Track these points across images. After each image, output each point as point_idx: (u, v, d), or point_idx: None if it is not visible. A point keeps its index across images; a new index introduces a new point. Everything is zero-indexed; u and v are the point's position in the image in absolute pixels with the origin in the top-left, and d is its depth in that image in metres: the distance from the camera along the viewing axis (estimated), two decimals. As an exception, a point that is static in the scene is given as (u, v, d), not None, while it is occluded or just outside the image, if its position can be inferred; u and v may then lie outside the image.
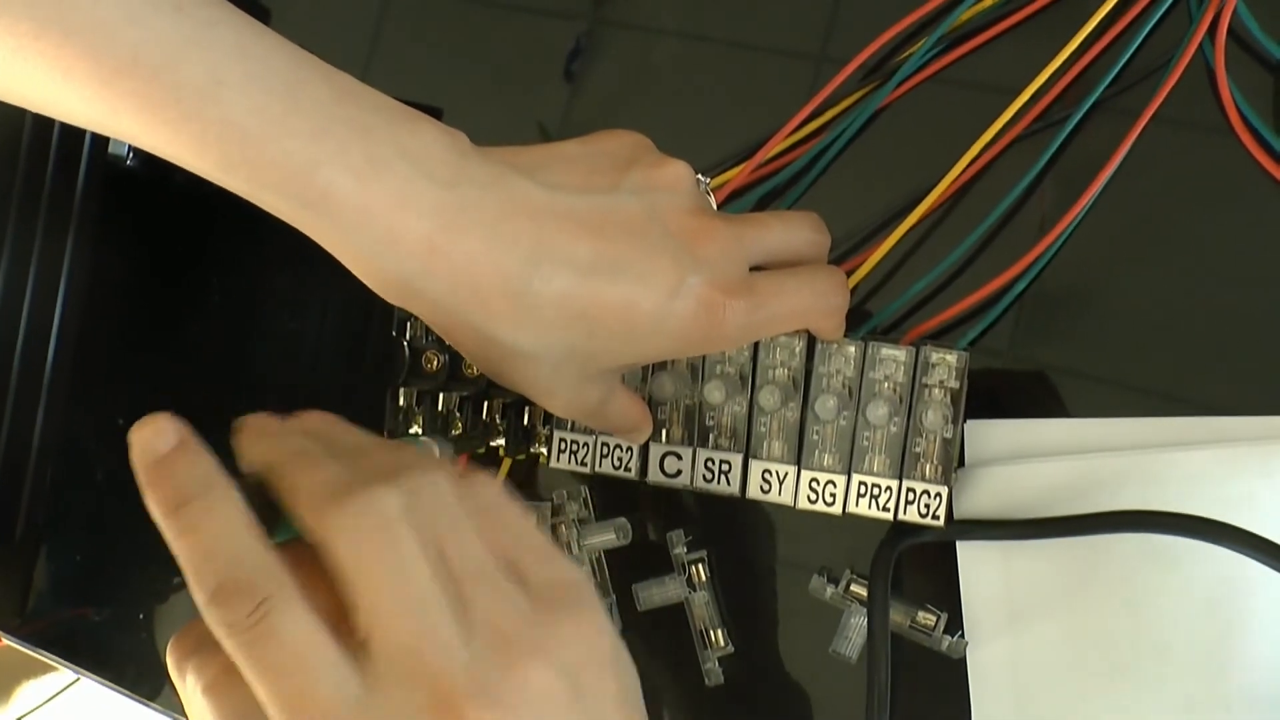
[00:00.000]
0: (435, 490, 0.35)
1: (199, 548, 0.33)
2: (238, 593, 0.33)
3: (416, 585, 0.33)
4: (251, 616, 0.32)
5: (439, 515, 0.35)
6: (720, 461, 0.49)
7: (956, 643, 0.49)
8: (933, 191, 0.49)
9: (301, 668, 0.32)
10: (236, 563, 0.33)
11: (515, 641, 0.33)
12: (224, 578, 0.33)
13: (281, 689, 0.32)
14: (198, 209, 0.61)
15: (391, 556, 0.33)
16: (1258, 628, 0.46)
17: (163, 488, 0.34)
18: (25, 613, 0.66)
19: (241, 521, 0.34)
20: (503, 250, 0.40)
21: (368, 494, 0.34)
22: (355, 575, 0.33)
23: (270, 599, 0.32)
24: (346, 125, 0.38)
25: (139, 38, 0.36)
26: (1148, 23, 0.48)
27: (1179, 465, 0.46)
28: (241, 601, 0.32)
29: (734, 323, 0.43)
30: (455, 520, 0.35)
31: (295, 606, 0.33)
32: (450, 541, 0.34)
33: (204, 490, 0.34)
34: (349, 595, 0.33)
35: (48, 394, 0.63)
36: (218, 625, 0.33)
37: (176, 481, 0.34)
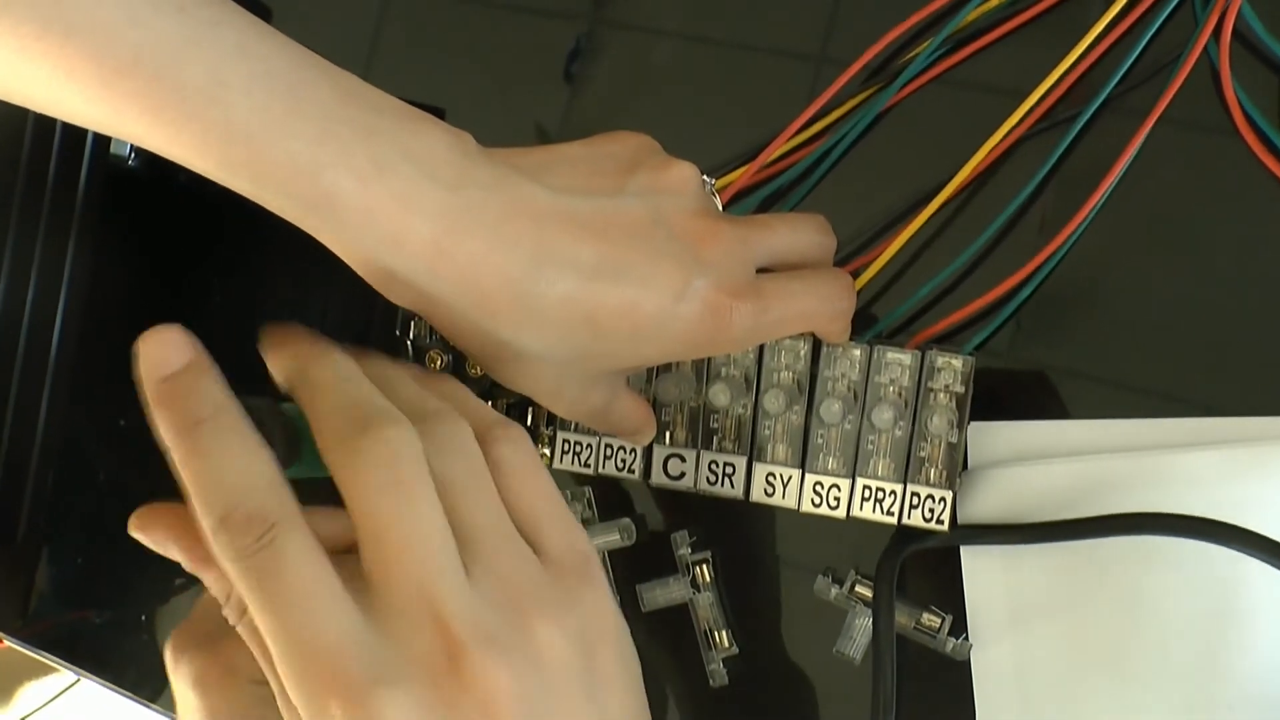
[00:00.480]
0: (459, 438, 0.35)
1: (208, 472, 0.33)
2: (246, 519, 0.32)
3: (426, 527, 0.33)
4: (258, 542, 0.32)
5: (459, 464, 0.35)
6: (724, 464, 0.49)
7: (961, 645, 0.49)
8: (939, 194, 0.49)
9: (305, 599, 0.32)
10: (245, 489, 0.33)
11: (525, 598, 0.34)
12: (232, 504, 0.33)
13: (284, 620, 0.32)
14: (200, 210, 0.61)
15: (404, 494, 0.33)
16: (1261, 628, 0.46)
17: (172, 407, 0.34)
18: (27, 614, 0.66)
19: (252, 447, 0.34)
20: (506, 252, 0.40)
21: (389, 429, 0.34)
22: (365, 509, 0.33)
23: (276, 526, 0.32)
24: (350, 126, 0.38)
25: (141, 38, 0.36)
26: (1151, 25, 0.48)
27: (1181, 467, 0.46)
28: (249, 527, 0.32)
29: (739, 325, 0.43)
30: (475, 472, 0.35)
31: (301, 535, 0.33)
32: (468, 492, 0.35)
33: (215, 413, 0.34)
34: (359, 528, 0.33)
35: (49, 395, 0.63)
36: (223, 551, 0.33)
37: (187, 402, 0.34)
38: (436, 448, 0.34)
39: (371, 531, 0.33)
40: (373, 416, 0.34)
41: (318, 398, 0.36)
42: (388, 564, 0.33)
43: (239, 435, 0.34)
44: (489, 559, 0.34)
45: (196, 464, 0.33)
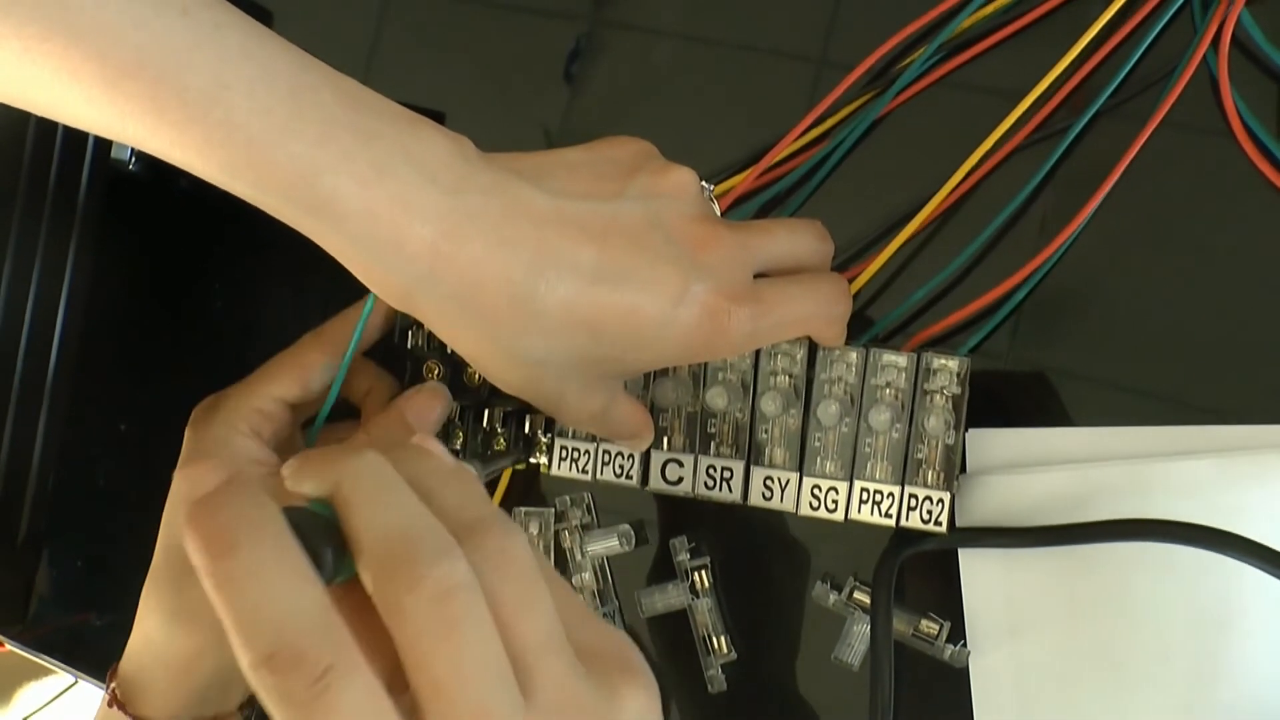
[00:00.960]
0: (511, 552, 0.33)
1: (247, 603, 0.29)
2: (296, 660, 0.29)
3: (482, 667, 0.31)
4: (312, 688, 0.29)
5: (518, 582, 0.32)
6: (722, 468, 0.49)
7: (959, 652, 0.49)
8: (935, 198, 0.50)
9: None
10: (292, 623, 0.29)
11: (580, 716, 0.32)
12: (279, 641, 0.29)
13: None
14: (200, 215, 0.61)
15: (458, 635, 0.30)
16: (1258, 635, 0.46)
17: (204, 527, 0.30)
18: (27, 618, 0.66)
19: (298, 572, 0.30)
20: (506, 257, 0.40)
21: (439, 565, 0.31)
22: (417, 650, 0.30)
23: (332, 669, 0.29)
24: (351, 130, 0.38)
25: (145, 41, 0.36)
26: (1151, 31, 0.48)
27: (1177, 474, 0.46)
28: (300, 670, 0.29)
29: (738, 330, 0.43)
30: (533, 588, 0.32)
31: (359, 677, 0.30)
32: (526, 612, 0.32)
33: (253, 532, 0.30)
34: (409, 663, 0.31)
35: (50, 399, 0.63)
36: (269, 692, 0.29)
37: (220, 521, 0.30)
38: (489, 564, 0.32)
39: (426, 671, 0.30)
40: (419, 549, 0.31)
41: (354, 517, 0.32)
42: (445, 703, 0.30)
43: (283, 559, 0.30)
44: (544, 682, 0.32)
45: (233, 593, 0.29)
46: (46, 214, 0.61)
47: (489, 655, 0.31)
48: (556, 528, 0.54)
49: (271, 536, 0.30)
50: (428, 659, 0.30)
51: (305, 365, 0.50)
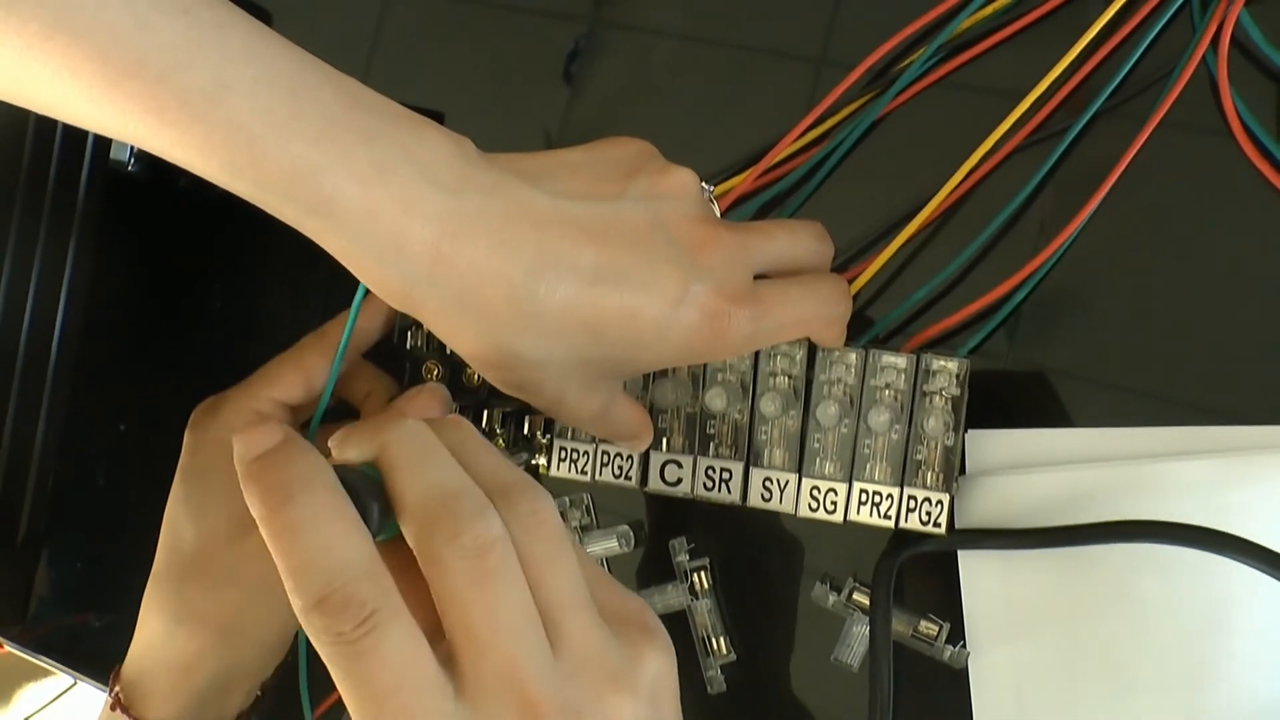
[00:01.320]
0: (542, 513, 0.35)
1: (302, 551, 0.32)
2: (345, 603, 0.32)
3: (515, 615, 0.33)
4: (359, 629, 0.32)
5: (547, 541, 0.35)
6: (721, 470, 0.49)
7: (958, 653, 0.49)
8: (934, 199, 0.50)
9: (403, 686, 0.32)
10: (343, 569, 0.32)
11: (603, 669, 0.34)
12: (329, 586, 0.32)
13: (381, 706, 0.32)
14: (200, 215, 0.61)
15: (493, 585, 0.33)
16: (1256, 635, 0.46)
17: (264, 481, 0.33)
18: (26, 618, 0.66)
19: (349, 523, 0.33)
20: (506, 257, 0.40)
21: (476, 521, 0.34)
22: (455, 599, 0.33)
23: (378, 613, 0.32)
24: (352, 130, 0.38)
25: (146, 40, 0.36)
26: (1150, 32, 0.48)
27: (1176, 475, 0.46)
28: (348, 613, 0.32)
29: (738, 331, 0.43)
30: (560, 548, 0.35)
31: (402, 621, 0.32)
32: (553, 569, 0.35)
33: (308, 486, 0.33)
34: (447, 613, 0.33)
35: (49, 399, 0.63)
36: (320, 633, 0.32)
37: (280, 476, 0.33)
38: (520, 525, 0.34)
39: (462, 620, 0.33)
40: (458, 505, 0.34)
41: (398, 478, 0.35)
42: (479, 650, 0.33)
43: (335, 511, 0.33)
44: (570, 634, 0.34)
45: (289, 541, 0.33)
46: (46, 213, 0.61)
47: (521, 606, 0.34)
48: None
49: (326, 489, 0.33)
50: (464, 608, 0.33)
51: (306, 367, 0.50)
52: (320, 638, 0.32)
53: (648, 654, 0.36)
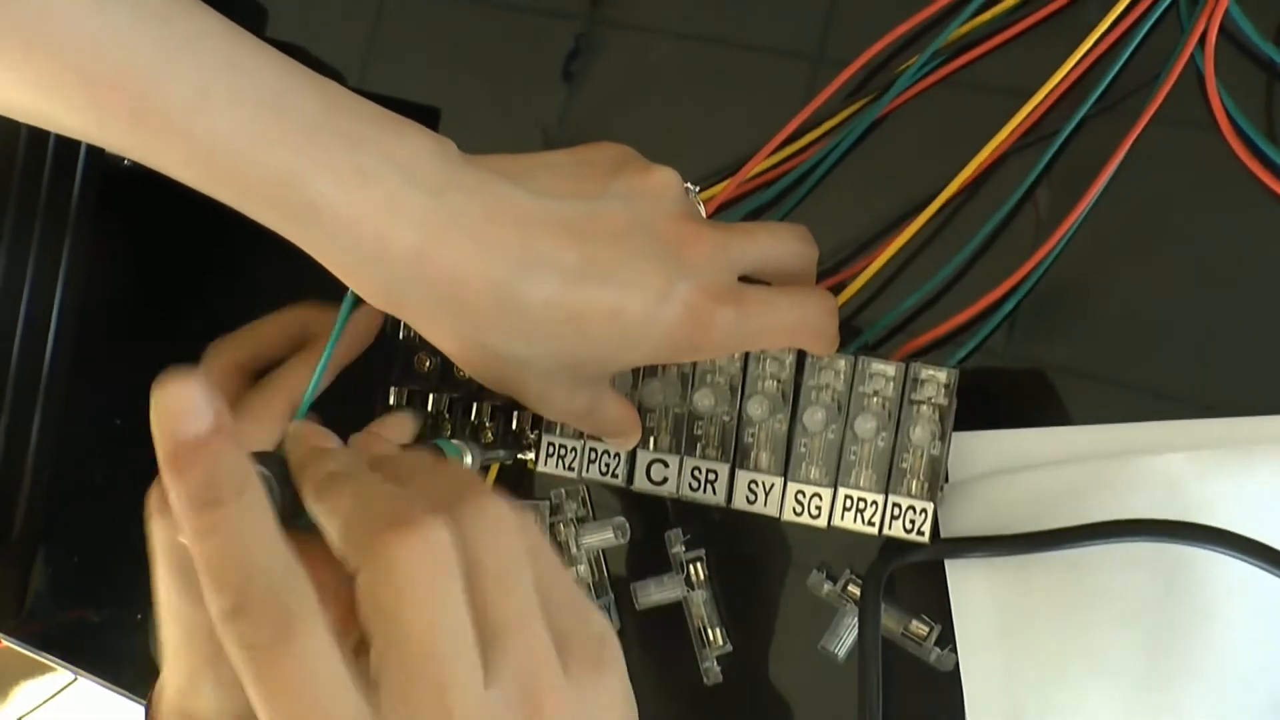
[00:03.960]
0: (494, 520, 0.33)
1: (222, 555, 0.31)
2: (262, 611, 0.30)
3: (450, 635, 0.31)
4: (275, 636, 0.30)
5: (499, 552, 0.33)
6: (707, 471, 0.49)
7: (945, 656, 0.49)
8: (928, 206, 0.49)
9: (314, 700, 0.30)
10: (261, 575, 0.31)
11: (542, 696, 0.32)
12: (247, 593, 0.30)
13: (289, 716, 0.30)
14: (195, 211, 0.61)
15: (430, 602, 0.31)
16: (1246, 629, 0.46)
17: (190, 479, 0.31)
18: (23, 613, 0.66)
19: (271, 528, 0.32)
20: (490, 257, 0.40)
21: (416, 531, 0.31)
22: (387, 614, 0.31)
23: (294, 621, 0.30)
24: (334, 135, 0.38)
25: (126, 52, 0.36)
26: (1138, 32, 0.48)
27: (1159, 470, 0.46)
28: (264, 621, 0.30)
29: (720, 329, 0.43)
30: (512, 560, 0.33)
31: (319, 633, 0.30)
32: (502, 584, 0.32)
33: (236, 492, 0.31)
34: (372, 625, 0.31)
35: (45, 395, 0.63)
36: (233, 641, 0.30)
37: (209, 476, 0.31)
38: (470, 533, 0.32)
39: (391, 636, 0.31)
40: (397, 514, 0.32)
41: (326, 502, 0.34)
42: (406, 669, 0.31)
43: (260, 516, 0.32)
44: (510, 654, 0.32)
45: (212, 544, 0.31)
46: (41, 209, 0.61)
47: (456, 626, 0.31)
48: (551, 520, 0.54)
49: (250, 494, 0.32)
50: (393, 624, 0.31)
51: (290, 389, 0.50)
52: (236, 646, 0.30)
53: (597, 682, 0.33)
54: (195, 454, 0.31)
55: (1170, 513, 0.44)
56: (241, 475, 0.32)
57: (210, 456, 0.31)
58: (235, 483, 0.32)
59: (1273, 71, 0.48)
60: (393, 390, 0.52)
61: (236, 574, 0.31)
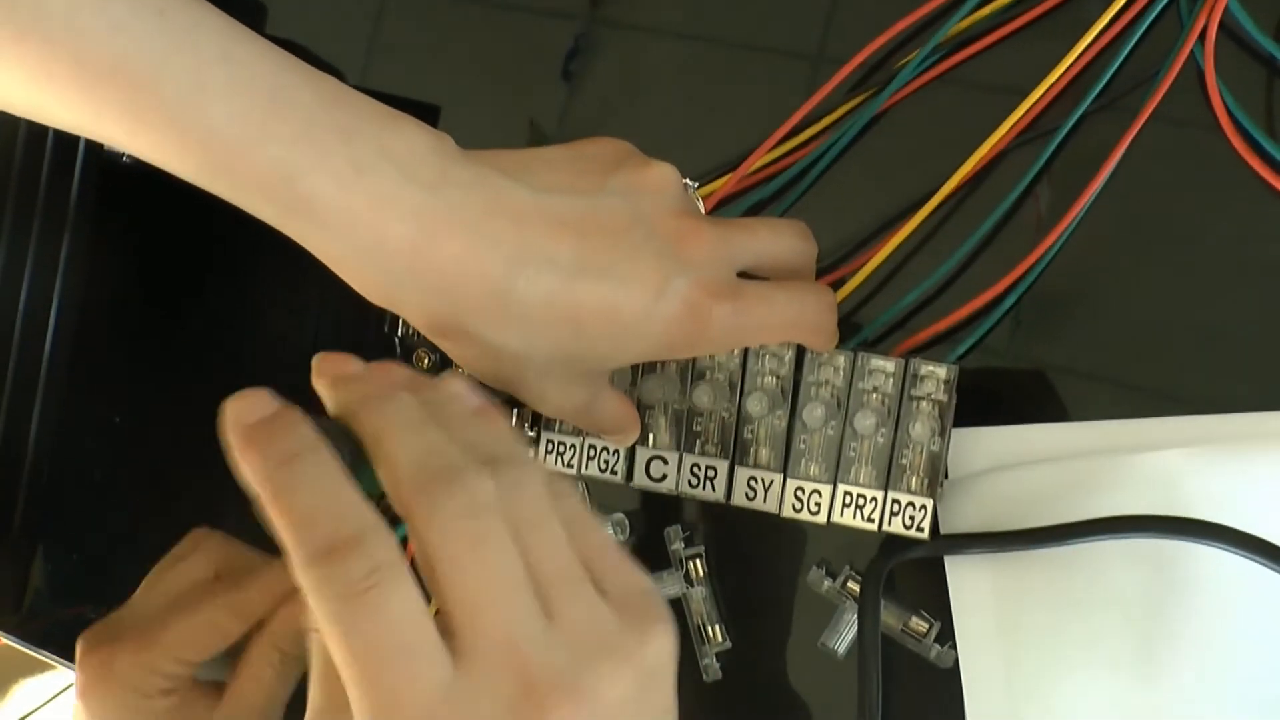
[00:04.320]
0: (532, 486, 0.34)
1: (307, 505, 0.32)
2: (352, 551, 0.31)
3: (509, 581, 0.32)
4: (366, 580, 0.31)
5: (533, 513, 0.34)
6: (706, 467, 0.49)
7: (944, 652, 0.49)
8: (928, 202, 0.49)
9: (405, 649, 0.31)
10: (351, 520, 0.32)
11: (599, 643, 0.33)
12: (338, 534, 0.31)
13: (380, 669, 0.31)
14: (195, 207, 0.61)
15: (486, 550, 0.32)
16: (1250, 626, 0.46)
17: (263, 446, 0.33)
18: (22, 611, 0.66)
19: (351, 485, 0.33)
20: (486, 252, 0.40)
21: (470, 481, 0.33)
22: (448, 563, 0.32)
23: (384, 567, 0.31)
24: (330, 129, 0.38)
25: (121, 44, 0.36)
26: (1138, 28, 0.48)
27: (1158, 466, 0.46)
28: (356, 561, 0.31)
29: (719, 325, 0.43)
30: (547, 521, 0.34)
31: (407, 579, 0.31)
32: (541, 542, 0.34)
33: (312, 448, 0.33)
34: (438, 579, 0.32)
35: (44, 391, 0.63)
36: (323, 585, 0.31)
37: (279, 441, 0.33)
38: (510, 493, 0.33)
39: (455, 583, 0.32)
40: (451, 467, 0.33)
41: (387, 442, 0.34)
42: (473, 615, 0.32)
43: (337, 471, 0.33)
44: (564, 605, 0.33)
45: (291, 498, 0.32)
46: (40, 206, 0.61)
47: (516, 573, 0.32)
48: None
49: (327, 453, 0.33)
50: (459, 573, 0.32)
51: (218, 627, 0.47)
52: (322, 591, 0.31)
53: (649, 636, 0.34)
54: (264, 426, 0.33)
55: (1169, 508, 0.44)
56: (309, 436, 0.33)
57: (279, 424, 0.33)
58: (308, 443, 0.33)
59: (1273, 68, 0.48)
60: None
61: (321, 520, 0.31)
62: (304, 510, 0.32)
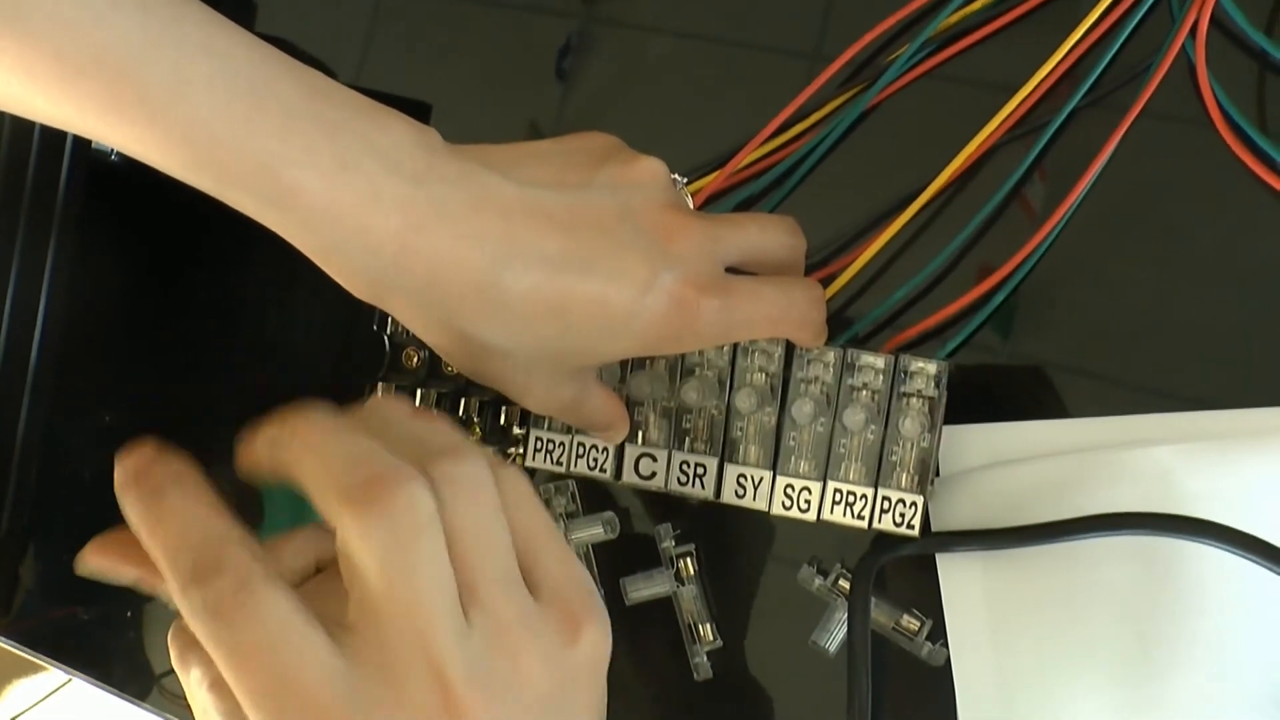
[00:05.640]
0: (471, 480, 0.34)
1: (173, 533, 0.33)
2: (216, 570, 0.32)
3: (433, 586, 0.32)
4: (235, 596, 0.31)
5: (469, 509, 0.34)
6: (695, 464, 0.49)
7: (936, 651, 0.49)
8: (917, 198, 0.49)
9: (282, 644, 0.31)
10: (214, 542, 0.32)
11: (520, 641, 0.33)
12: (201, 560, 0.32)
13: (262, 671, 0.31)
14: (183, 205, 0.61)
15: (413, 555, 0.32)
16: (1239, 624, 0.45)
17: (137, 489, 0.34)
18: (12, 611, 0.66)
19: (216, 506, 0.33)
20: (472, 246, 0.40)
21: (399, 485, 0.33)
22: (370, 567, 0.32)
23: (251, 577, 0.32)
24: (314, 122, 0.38)
25: (103, 37, 0.36)
26: (1129, 23, 0.48)
27: (1149, 463, 0.46)
28: (221, 578, 0.32)
29: (707, 320, 0.42)
30: (488, 517, 0.34)
31: (276, 586, 0.32)
32: (479, 538, 0.34)
33: (176, 482, 0.34)
34: (357, 580, 0.32)
35: (32, 391, 0.63)
36: (196, 609, 0.32)
37: (150, 478, 0.34)
38: (449, 490, 0.34)
39: (374, 588, 0.32)
40: (378, 471, 0.33)
41: (304, 463, 0.34)
42: (387, 612, 0.32)
43: (204, 497, 0.34)
44: (490, 604, 0.33)
45: (164, 528, 0.33)
46: (26, 203, 0.61)
47: (440, 573, 0.33)
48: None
49: (194, 481, 0.34)
50: (378, 571, 0.32)
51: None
52: (199, 614, 0.32)
53: (578, 634, 0.35)
54: (140, 471, 0.34)
55: (1160, 505, 0.44)
56: (178, 471, 0.34)
57: (149, 469, 0.34)
58: (173, 476, 0.34)
59: (1264, 62, 0.47)
60: (380, 386, 0.52)
61: (188, 547, 0.32)
62: (173, 539, 0.33)
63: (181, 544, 0.33)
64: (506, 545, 0.35)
